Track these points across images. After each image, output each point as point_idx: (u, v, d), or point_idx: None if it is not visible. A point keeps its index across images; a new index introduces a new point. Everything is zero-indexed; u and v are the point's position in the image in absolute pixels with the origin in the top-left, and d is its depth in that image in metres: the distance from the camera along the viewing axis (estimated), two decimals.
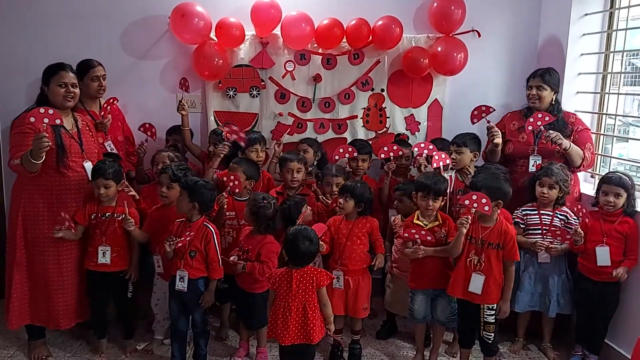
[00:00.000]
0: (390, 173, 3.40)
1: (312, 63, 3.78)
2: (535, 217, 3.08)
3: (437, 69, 3.77)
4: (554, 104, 3.28)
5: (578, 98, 3.64)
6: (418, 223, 2.83)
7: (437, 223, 2.87)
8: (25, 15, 3.60)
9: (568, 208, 3.06)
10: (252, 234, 2.86)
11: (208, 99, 3.78)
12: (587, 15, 3.53)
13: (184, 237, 2.70)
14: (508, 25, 3.87)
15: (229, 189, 2.97)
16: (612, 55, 3.52)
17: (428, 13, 3.74)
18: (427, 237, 2.75)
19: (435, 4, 3.67)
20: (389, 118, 3.90)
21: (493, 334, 2.77)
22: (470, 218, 2.70)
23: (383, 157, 3.41)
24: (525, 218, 3.09)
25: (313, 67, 3.79)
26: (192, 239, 2.74)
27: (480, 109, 3.27)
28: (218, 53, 3.58)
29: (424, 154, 3.27)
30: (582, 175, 3.50)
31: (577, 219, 3.00)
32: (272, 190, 3.30)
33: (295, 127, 3.83)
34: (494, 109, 3.29)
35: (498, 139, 3.23)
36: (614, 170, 3.03)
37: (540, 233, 3.05)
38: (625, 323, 2.95)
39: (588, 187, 3.42)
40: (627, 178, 2.86)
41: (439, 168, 3.10)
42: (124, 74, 3.66)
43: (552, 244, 2.99)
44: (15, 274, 2.90)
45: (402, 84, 3.85)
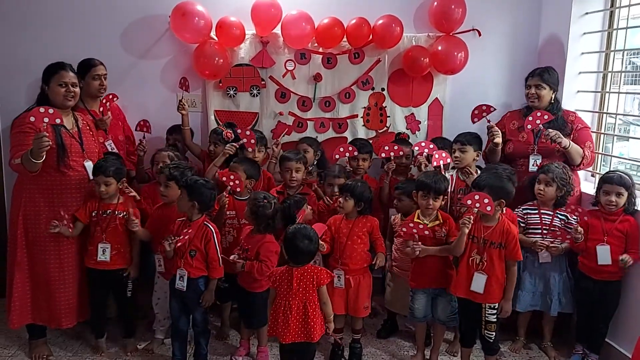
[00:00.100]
0: (390, 172, 3.40)
1: (312, 62, 3.78)
2: (536, 216, 3.08)
3: (437, 68, 3.77)
4: (553, 103, 3.27)
5: (578, 97, 3.64)
6: (418, 222, 2.83)
7: (437, 222, 2.87)
8: (25, 15, 3.59)
9: (567, 209, 3.05)
10: (252, 233, 2.86)
11: (208, 98, 3.77)
12: (587, 14, 3.53)
13: (183, 234, 2.71)
14: (508, 24, 3.87)
15: (230, 189, 2.97)
16: (612, 54, 3.52)
17: (428, 12, 3.74)
18: (424, 231, 2.74)
19: (436, 3, 3.67)
20: (390, 117, 3.89)
21: (494, 333, 2.77)
22: (473, 217, 2.70)
23: (384, 156, 3.41)
24: (526, 217, 3.10)
25: (313, 66, 3.79)
26: (192, 239, 2.75)
27: (481, 108, 3.27)
28: (218, 52, 3.58)
29: (425, 153, 3.27)
30: (582, 175, 3.50)
31: (576, 219, 3.00)
32: (272, 190, 3.30)
33: (296, 126, 3.83)
34: (495, 109, 3.29)
35: (498, 139, 3.23)
36: (614, 170, 3.03)
37: (540, 233, 3.05)
38: (626, 322, 2.95)
39: (588, 186, 3.42)
40: (627, 177, 2.86)
41: (439, 167, 3.10)
42: (124, 74, 3.66)
43: (552, 244, 2.99)
44: (17, 274, 2.90)
45: (402, 83, 3.85)
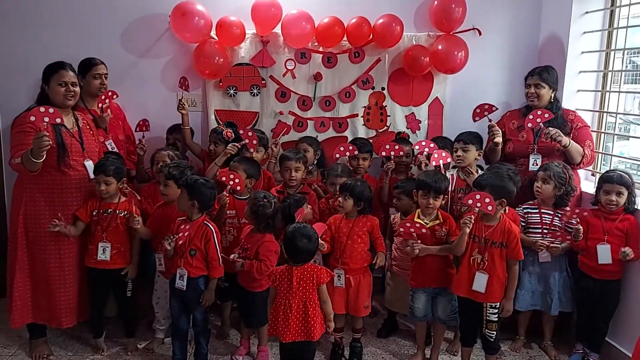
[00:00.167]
0: (390, 172, 3.38)
1: (312, 61, 3.78)
2: (536, 215, 3.08)
3: (437, 67, 3.77)
4: (553, 102, 3.27)
5: (579, 96, 3.64)
6: (414, 221, 2.82)
7: (437, 222, 2.87)
8: (25, 15, 3.59)
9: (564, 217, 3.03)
10: (252, 233, 2.86)
11: (209, 98, 3.77)
12: (587, 13, 3.53)
13: (182, 231, 2.70)
14: (509, 24, 3.87)
15: (230, 188, 2.97)
16: (612, 53, 3.52)
17: (429, 11, 3.74)
18: (421, 230, 2.74)
19: (436, 2, 3.66)
20: (390, 116, 3.89)
21: (495, 332, 2.77)
22: (474, 217, 2.69)
23: (384, 155, 3.41)
24: (527, 216, 3.09)
25: (313, 65, 3.79)
26: (192, 238, 2.75)
27: (483, 107, 3.26)
28: (218, 52, 3.58)
29: (425, 152, 3.27)
30: (582, 174, 3.49)
31: (577, 219, 3.00)
32: (272, 189, 3.30)
33: (296, 125, 3.83)
34: (497, 108, 3.29)
35: (498, 138, 3.22)
36: (613, 169, 3.02)
37: (541, 232, 3.05)
38: (626, 321, 2.95)
39: (589, 185, 3.42)
40: (627, 176, 2.85)
41: (439, 166, 3.10)
42: (125, 73, 3.66)
43: (552, 244, 2.99)
44: (17, 273, 2.90)
45: (402, 83, 3.85)
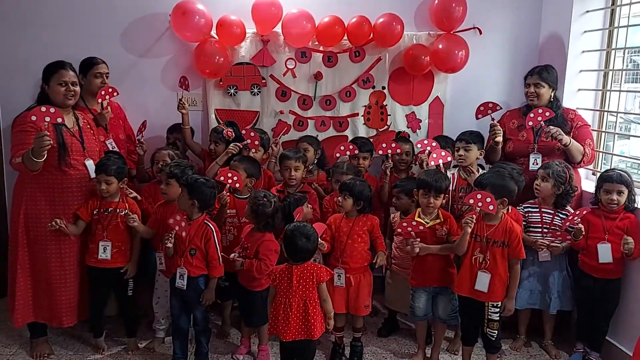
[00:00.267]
0: (388, 171, 3.37)
1: (313, 61, 3.78)
2: (537, 214, 3.08)
3: (438, 67, 3.77)
4: (553, 101, 3.26)
5: (579, 95, 3.63)
6: (411, 220, 2.82)
7: (438, 221, 2.87)
8: (25, 15, 3.59)
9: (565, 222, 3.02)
10: (252, 232, 2.86)
11: (209, 97, 3.77)
12: (588, 13, 3.53)
13: (177, 223, 2.69)
14: (509, 23, 3.86)
15: (229, 187, 2.97)
16: (613, 53, 3.51)
17: (429, 10, 3.74)
18: (419, 227, 2.73)
19: (437, 2, 3.66)
20: (390, 116, 3.89)
21: (497, 332, 2.76)
22: (475, 217, 2.69)
23: (381, 153, 3.40)
24: (527, 215, 3.09)
25: (314, 64, 3.78)
26: (192, 237, 2.75)
27: (487, 106, 3.25)
28: (219, 51, 3.58)
29: (427, 151, 3.26)
30: (583, 173, 3.49)
31: (577, 219, 2.99)
32: (272, 189, 3.30)
33: (296, 124, 3.83)
34: (501, 107, 3.28)
35: (499, 138, 3.22)
36: (611, 168, 3.02)
37: (541, 231, 3.05)
38: (627, 320, 2.95)
39: (589, 185, 3.41)
40: (626, 174, 2.85)
41: (439, 165, 3.09)
42: (125, 73, 3.65)
43: (552, 243, 2.98)
44: (18, 272, 2.90)
45: (403, 82, 3.85)
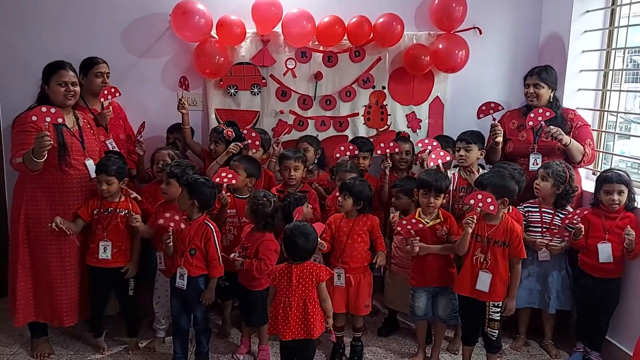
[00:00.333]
0: (387, 170, 3.36)
1: (313, 61, 3.78)
2: (536, 214, 3.08)
3: (438, 67, 3.77)
4: (552, 101, 3.26)
5: (580, 95, 3.63)
6: (411, 219, 2.81)
7: (438, 220, 2.87)
8: (25, 15, 3.59)
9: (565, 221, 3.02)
10: (252, 232, 2.86)
11: (209, 97, 3.77)
12: (588, 12, 3.53)
13: (169, 219, 2.68)
14: (509, 23, 3.86)
15: (226, 184, 2.96)
16: (613, 52, 3.51)
17: (429, 10, 3.74)
18: (418, 225, 2.73)
19: (437, 1, 3.66)
20: (390, 115, 3.89)
21: (497, 331, 2.76)
22: (476, 217, 2.69)
23: (380, 153, 3.40)
24: (527, 215, 3.10)
25: (314, 64, 3.78)
26: (192, 237, 2.75)
27: (489, 106, 3.25)
28: (219, 51, 3.58)
29: (427, 150, 3.26)
30: (583, 173, 3.49)
31: (578, 219, 3.00)
32: (272, 188, 3.30)
33: (297, 124, 3.83)
34: (503, 107, 3.28)
35: (499, 138, 3.22)
36: (608, 169, 3.01)
37: (540, 231, 3.05)
38: (627, 320, 2.95)
39: (590, 185, 3.41)
40: (624, 173, 2.86)
41: (438, 166, 3.09)
42: (125, 73, 3.65)
43: (551, 242, 2.98)
44: (19, 272, 2.90)
45: (403, 82, 3.85)
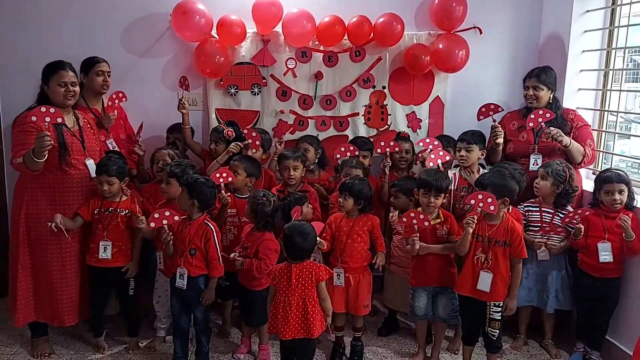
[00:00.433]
0: (387, 170, 3.36)
1: (313, 60, 3.78)
2: (536, 214, 3.08)
3: (438, 66, 3.77)
4: (552, 103, 3.26)
5: (580, 95, 3.63)
6: (419, 212, 2.79)
7: (438, 220, 2.87)
8: (25, 15, 3.59)
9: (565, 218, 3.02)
10: (252, 231, 2.87)
11: (209, 97, 3.77)
12: (588, 12, 3.53)
13: (158, 219, 2.68)
14: (510, 22, 3.86)
15: (223, 183, 2.96)
16: (613, 52, 3.51)
17: (429, 10, 3.74)
18: (424, 222, 2.72)
19: (437, 1, 3.66)
20: (391, 115, 3.89)
21: (498, 331, 2.77)
22: (476, 217, 2.69)
23: (380, 152, 3.40)
24: (527, 214, 3.10)
25: (314, 64, 3.78)
26: (192, 237, 2.76)
27: (489, 107, 3.25)
28: (219, 50, 3.58)
29: (429, 150, 3.26)
30: (584, 173, 3.49)
31: (578, 219, 3.00)
32: (273, 188, 3.31)
33: (297, 124, 3.83)
34: (502, 109, 3.28)
35: (500, 139, 3.22)
36: (607, 169, 3.01)
37: (540, 230, 3.05)
38: (627, 319, 2.95)
39: (590, 184, 3.40)
40: (623, 173, 2.86)
41: (437, 166, 3.09)
42: (125, 72, 3.65)
43: (549, 241, 2.98)
44: (19, 272, 2.91)
45: (403, 81, 3.85)
